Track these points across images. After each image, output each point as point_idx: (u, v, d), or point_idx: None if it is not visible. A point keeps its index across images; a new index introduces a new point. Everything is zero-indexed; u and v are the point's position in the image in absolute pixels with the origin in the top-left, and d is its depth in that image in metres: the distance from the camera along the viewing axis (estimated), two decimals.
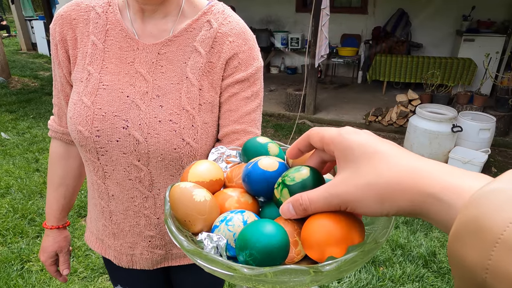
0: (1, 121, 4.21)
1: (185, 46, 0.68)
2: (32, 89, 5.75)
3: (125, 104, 0.66)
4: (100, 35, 0.69)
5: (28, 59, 8.71)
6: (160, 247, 0.79)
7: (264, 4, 6.90)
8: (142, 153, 0.67)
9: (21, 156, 3.32)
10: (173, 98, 0.67)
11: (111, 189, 0.73)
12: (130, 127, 0.66)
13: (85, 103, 0.67)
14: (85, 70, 0.69)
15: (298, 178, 0.33)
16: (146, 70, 0.67)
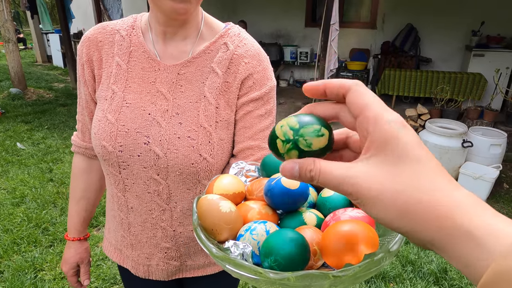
0: (17, 131, 4.32)
1: (203, 67, 0.73)
2: (47, 100, 5.90)
3: (147, 121, 0.71)
4: (124, 56, 0.74)
5: (43, 70, 8.95)
6: (176, 259, 0.82)
7: (274, 19, 7.02)
8: (161, 168, 0.71)
9: (35, 166, 3.40)
10: (191, 116, 0.71)
11: (131, 201, 0.77)
12: (151, 142, 0.70)
13: (109, 120, 0.72)
14: (109, 89, 0.74)
15: (315, 145, 0.28)
16: (166, 89, 0.72)
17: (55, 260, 2.18)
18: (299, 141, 0.28)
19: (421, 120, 4.15)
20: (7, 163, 3.45)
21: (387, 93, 5.54)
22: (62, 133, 4.34)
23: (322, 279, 0.31)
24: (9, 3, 5.77)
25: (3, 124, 4.55)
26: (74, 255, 0.92)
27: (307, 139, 0.27)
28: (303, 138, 0.27)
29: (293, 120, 0.28)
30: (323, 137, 0.28)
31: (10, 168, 3.34)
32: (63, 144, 3.97)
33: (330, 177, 0.26)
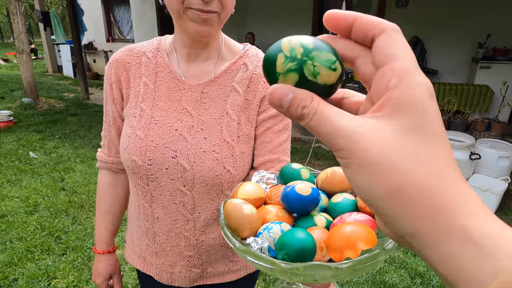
0: (29, 140, 4.41)
1: (224, 85, 0.78)
2: (58, 110, 6.01)
3: (174, 137, 0.76)
4: (151, 76, 0.79)
5: (53, 80, 9.13)
6: (197, 266, 0.86)
7: (281, 31, 7.12)
8: (188, 180, 0.76)
9: (48, 175, 3.47)
10: (215, 131, 0.76)
11: (157, 212, 0.81)
12: (178, 156, 0.75)
13: (139, 135, 0.76)
14: (137, 107, 0.79)
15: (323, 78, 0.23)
16: (191, 107, 0.77)
17: (68, 268, 2.22)
18: (305, 64, 0.23)
19: None
20: (20, 171, 3.53)
21: None
22: (73, 142, 4.42)
23: (325, 269, 0.36)
24: (24, 15, 5.94)
25: (15, 133, 4.64)
26: (106, 267, 0.96)
27: (316, 66, 0.23)
28: (312, 63, 0.23)
29: (307, 38, 0.24)
30: (334, 73, 0.23)
31: (23, 177, 3.41)
32: (74, 154, 4.04)
33: (325, 122, 0.22)
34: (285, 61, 0.23)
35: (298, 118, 0.23)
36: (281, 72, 0.23)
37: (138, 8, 8.37)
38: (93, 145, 4.34)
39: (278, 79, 0.24)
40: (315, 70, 0.23)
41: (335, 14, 0.24)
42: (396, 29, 0.22)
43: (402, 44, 0.22)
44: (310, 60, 0.23)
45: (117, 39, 9.27)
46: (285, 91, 0.23)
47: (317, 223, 0.46)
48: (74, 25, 6.44)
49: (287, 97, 0.23)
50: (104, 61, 9.14)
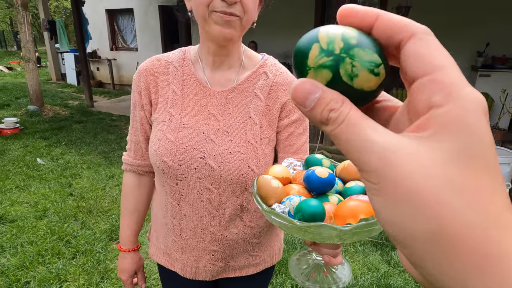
0: (36, 147, 4.47)
1: (247, 92, 0.85)
2: (63, 117, 6.09)
3: (202, 139, 0.82)
4: (178, 84, 0.85)
5: (57, 88, 9.23)
6: (221, 260, 0.92)
7: (283, 40, 7.24)
8: (215, 178, 0.82)
9: (55, 181, 3.52)
10: (240, 134, 0.83)
11: (184, 209, 0.87)
12: (206, 157, 0.81)
13: (169, 138, 0.82)
14: (167, 112, 0.85)
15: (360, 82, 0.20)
16: (217, 111, 0.84)
17: (78, 271, 2.26)
18: (343, 62, 0.20)
19: None
20: (28, 177, 3.58)
21: None
22: (80, 149, 4.48)
23: (331, 229, 0.45)
24: (31, 25, 6.05)
25: (22, 140, 4.71)
26: (132, 265, 1.01)
27: (355, 67, 0.20)
28: (351, 62, 0.20)
29: (351, 31, 0.20)
30: (376, 78, 0.20)
31: (32, 183, 3.46)
32: (80, 160, 4.09)
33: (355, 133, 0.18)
34: (320, 54, 0.20)
35: (322, 122, 0.20)
36: (312, 66, 0.20)
37: (141, 17, 8.51)
38: (99, 151, 4.40)
39: (307, 73, 0.21)
40: (353, 72, 0.20)
41: (353, 9, 0.20)
42: (428, 32, 0.19)
43: (439, 50, 0.18)
44: (349, 57, 0.20)
45: (121, 47, 9.40)
46: (312, 88, 0.20)
47: (330, 201, 0.54)
48: (79, 34, 6.55)
49: (313, 95, 0.20)
50: (107, 69, 9.26)
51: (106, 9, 9.05)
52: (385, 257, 2.50)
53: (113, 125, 5.74)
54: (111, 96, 8.41)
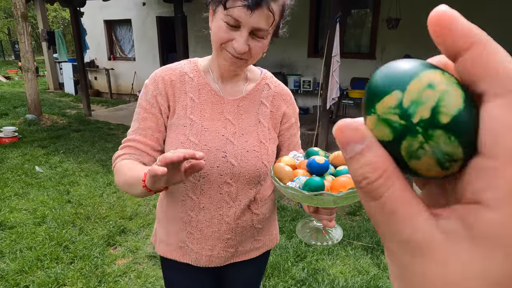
0: (34, 155, 4.54)
1: (254, 100, 1.00)
2: (61, 126, 6.16)
3: (222, 141, 0.94)
4: (195, 93, 0.95)
5: (55, 97, 9.31)
6: (233, 246, 1.02)
7: (278, 50, 7.39)
8: (235, 174, 0.94)
9: (53, 188, 3.58)
10: (253, 136, 0.97)
11: (203, 202, 0.96)
12: (227, 156, 0.93)
13: (193, 141, 0.92)
14: (187, 118, 0.93)
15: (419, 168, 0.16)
16: (232, 117, 0.97)
17: (76, 276, 2.32)
18: (413, 136, 0.16)
19: None
20: (27, 185, 3.64)
21: None
22: (77, 157, 4.55)
23: (329, 196, 0.65)
24: (30, 35, 6.16)
25: (21, 149, 4.77)
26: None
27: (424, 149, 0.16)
28: (423, 142, 0.16)
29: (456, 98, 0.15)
30: (441, 170, 0.16)
31: (30, 190, 3.52)
32: (78, 168, 4.16)
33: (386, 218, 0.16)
34: (394, 108, 0.16)
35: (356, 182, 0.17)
36: (378, 113, 0.16)
37: (139, 27, 8.65)
38: (96, 159, 4.47)
39: (369, 115, 0.17)
40: (417, 153, 0.16)
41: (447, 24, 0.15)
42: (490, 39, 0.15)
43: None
44: (423, 136, 0.15)
45: (119, 57, 9.52)
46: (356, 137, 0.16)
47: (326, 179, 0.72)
48: (78, 44, 6.66)
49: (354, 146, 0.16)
50: (105, 79, 9.37)
51: (105, 20, 9.19)
52: (375, 261, 2.58)
53: (111, 133, 5.81)
54: (108, 105, 8.50)
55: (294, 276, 2.39)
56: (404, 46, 6.31)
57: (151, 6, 7.90)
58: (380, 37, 6.52)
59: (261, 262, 1.16)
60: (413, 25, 6.11)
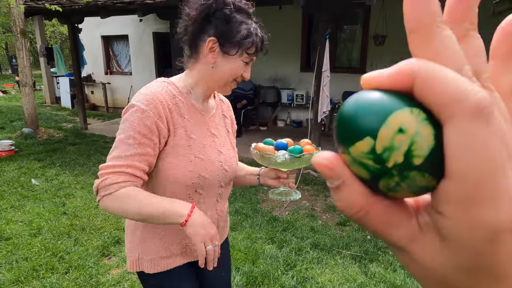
0: (31, 168, 4.60)
1: (220, 114, 1.18)
2: (57, 139, 6.23)
3: (216, 153, 1.10)
4: (188, 114, 1.04)
5: (52, 111, 9.39)
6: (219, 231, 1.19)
7: (271, 65, 7.58)
8: (227, 178, 1.13)
9: (50, 200, 3.64)
10: (229, 144, 1.18)
11: (201, 204, 1.09)
12: (223, 164, 1.11)
13: (200, 158, 1.04)
14: (189, 138, 1.02)
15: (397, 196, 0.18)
16: (214, 131, 1.12)
17: (71, 285, 2.38)
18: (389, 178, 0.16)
19: None
20: (23, 197, 3.70)
21: None
22: (73, 170, 4.62)
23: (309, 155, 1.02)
24: (28, 50, 6.29)
25: (17, 162, 4.83)
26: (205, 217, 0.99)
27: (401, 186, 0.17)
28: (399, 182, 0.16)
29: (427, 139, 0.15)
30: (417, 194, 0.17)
31: (26, 202, 3.58)
32: (74, 181, 4.23)
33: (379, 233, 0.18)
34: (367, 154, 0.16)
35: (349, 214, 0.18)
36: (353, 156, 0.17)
37: (136, 43, 8.83)
38: (92, 172, 4.54)
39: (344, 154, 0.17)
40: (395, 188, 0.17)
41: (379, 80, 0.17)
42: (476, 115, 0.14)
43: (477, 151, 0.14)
44: (399, 177, 0.16)
45: (115, 71, 9.67)
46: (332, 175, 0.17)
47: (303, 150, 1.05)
48: (75, 60, 6.80)
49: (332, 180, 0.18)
50: (102, 93, 9.49)
51: (102, 35, 9.37)
52: (362, 269, 2.66)
53: (107, 147, 5.89)
54: (104, 119, 8.60)
55: (283, 284, 2.46)
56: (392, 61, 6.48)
57: (147, 22, 8.09)
58: (370, 52, 6.73)
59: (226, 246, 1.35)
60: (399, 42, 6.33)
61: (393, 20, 6.10)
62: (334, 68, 5.16)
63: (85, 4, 5.39)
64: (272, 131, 7.22)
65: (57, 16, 6.01)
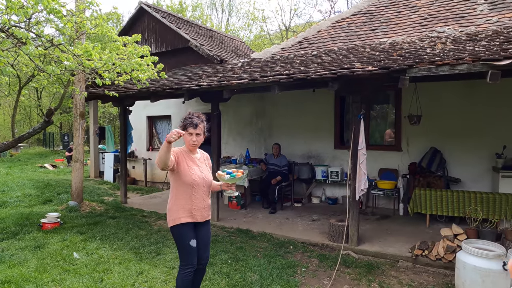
0: (73, 241, 4.73)
1: (201, 159, 2.73)
2: (99, 212, 6.47)
3: (200, 172, 2.65)
4: (187, 157, 2.64)
5: (94, 184, 9.91)
6: (206, 212, 2.71)
7: (305, 142, 7.80)
8: (206, 183, 2.68)
9: (89, 275, 3.67)
10: (207, 169, 2.74)
11: (195, 196, 2.61)
12: (204, 177, 2.65)
13: (192, 173, 2.59)
14: (190, 168, 2.60)
15: None
16: (200, 164, 2.69)
17: None
18: None
19: (458, 240, 4.15)
20: (64, 271, 3.75)
21: (420, 212, 5.65)
22: (112, 244, 4.69)
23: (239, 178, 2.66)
24: (84, 130, 6.95)
25: (61, 235, 5.01)
26: None
27: None
28: None
29: None
30: None
31: (67, 277, 3.62)
32: (113, 255, 4.27)
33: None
34: None
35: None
36: None
37: (178, 122, 9.49)
38: (130, 247, 4.59)
39: None
40: None
41: None
42: None
43: None
44: None
45: (156, 148, 10.29)
46: None
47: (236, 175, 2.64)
48: (123, 138, 7.38)
49: None
50: (142, 168, 10.01)
51: (148, 116, 10.24)
52: None
53: (144, 221, 6.01)
54: (143, 193, 8.91)
55: None
56: (430, 138, 6.50)
57: (190, 104, 8.80)
58: (405, 130, 6.79)
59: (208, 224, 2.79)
60: (437, 120, 6.39)
61: (426, 100, 6.26)
62: (368, 146, 5.22)
63: (138, 90, 6.04)
64: (306, 207, 7.10)
65: (112, 100, 6.73)
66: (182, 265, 2.58)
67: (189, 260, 2.55)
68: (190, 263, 2.55)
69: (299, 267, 4.05)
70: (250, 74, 5.52)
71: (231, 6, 27.50)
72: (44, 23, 4.15)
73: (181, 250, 2.58)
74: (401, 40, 6.34)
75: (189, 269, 2.55)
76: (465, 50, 4.22)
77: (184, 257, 2.57)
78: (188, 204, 2.54)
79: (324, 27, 8.38)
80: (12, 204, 7.07)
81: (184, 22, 10.47)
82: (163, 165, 2.34)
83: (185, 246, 2.55)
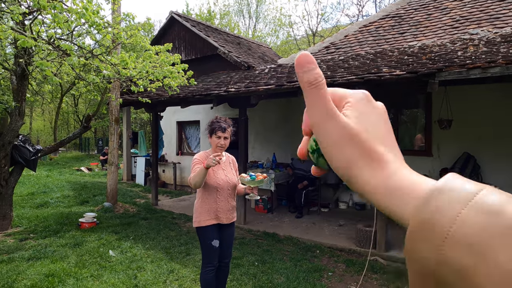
0: (109, 240, 5.00)
1: (227, 162, 2.88)
2: (131, 214, 6.76)
3: (224, 175, 2.81)
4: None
5: (127, 187, 10.32)
6: (231, 214, 2.83)
7: None
8: (231, 185, 2.80)
9: (123, 272, 3.87)
10: (232, 172, 2.87)
11: (220, 198, 2.76)
12: (228, 179, 2.80)
13: (222, 178, 2.78)
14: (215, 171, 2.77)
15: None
16: (225, 168, 2.84)
17: None
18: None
19: None
20: (101, 267, 3.98)
21: None
22: (145, 244, 4.91)
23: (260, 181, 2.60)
24: (118, 135, 7.31)
25: (97, 233, 5.30)
26: None
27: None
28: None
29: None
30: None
31: (104, 272, 3.84)
32: (145, 254, 4.48)
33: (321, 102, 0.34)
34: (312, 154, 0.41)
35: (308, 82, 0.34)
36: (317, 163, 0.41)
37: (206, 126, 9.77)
38: (161, 247, 4.78)
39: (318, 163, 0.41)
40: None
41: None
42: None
43: None
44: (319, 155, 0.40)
45: (185, 153, 10.59)
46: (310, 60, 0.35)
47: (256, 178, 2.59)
48: (154, 143, 7.69)
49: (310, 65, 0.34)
50: (172, 171, 10.33)
51: (177, 121, 10.57)
52: None
53: (174, 222, 6.22)
54: (172, 196, 9.19)
55: None
56: (462, 144, 6.30)
57: (218, 109, 9.02)
58: (435, 135, 6.63)
59: (233, 226, 2.89)
60: (469, 126, 6.19)
61: (458, 104, 6.09)
62: None
63: (169, 96, 6.30)
64: (333, 212, 7.06)
65: (145, 106, 7.04)
66: (204, 264, 2.74)
67: (210, 259, 2.71)
68: (210, 262, 2.71)
69: (326, 271, 4.07)
70: (277, 80, 5.62)
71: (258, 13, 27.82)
72: (84, 34, 4.47)
73: (204, 249, 2.74)
74: (431, 43, 6.23)
75: (209, 267, 2.70)
76: (499, 53, 4.11)
77: (206, 256, 2.72)
78: (213, 206, 2.71)
79: (351, 31, 8.35)
80: (53, 204, 7.53)
81: (212, 30, 10.76)
82: (198, 186, 2.61)
83: (207, 246, 2.70)
